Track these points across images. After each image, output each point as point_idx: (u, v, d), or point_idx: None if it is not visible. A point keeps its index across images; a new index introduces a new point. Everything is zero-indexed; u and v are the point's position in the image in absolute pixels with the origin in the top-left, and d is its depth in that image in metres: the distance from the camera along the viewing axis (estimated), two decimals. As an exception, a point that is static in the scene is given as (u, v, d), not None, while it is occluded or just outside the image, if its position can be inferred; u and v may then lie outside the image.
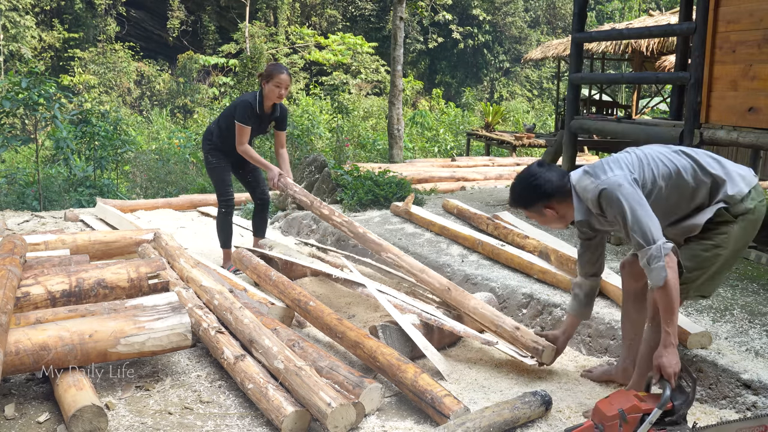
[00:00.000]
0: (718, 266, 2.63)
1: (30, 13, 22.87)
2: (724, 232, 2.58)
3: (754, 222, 2.61)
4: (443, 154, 16.15)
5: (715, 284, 2.72)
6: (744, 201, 2.57)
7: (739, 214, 2.56)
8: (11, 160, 13.14)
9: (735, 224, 2.57)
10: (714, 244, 2.59)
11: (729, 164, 2.66)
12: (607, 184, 2.50)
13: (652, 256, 2.42)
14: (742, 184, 2.58)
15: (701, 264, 2.61)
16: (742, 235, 2.61)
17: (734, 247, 2.61)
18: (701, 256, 2.61)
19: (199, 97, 23.78)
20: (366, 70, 25.58)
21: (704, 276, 2.64)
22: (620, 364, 3.06)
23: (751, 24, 4.46)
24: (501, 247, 4.43)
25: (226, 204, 4.83)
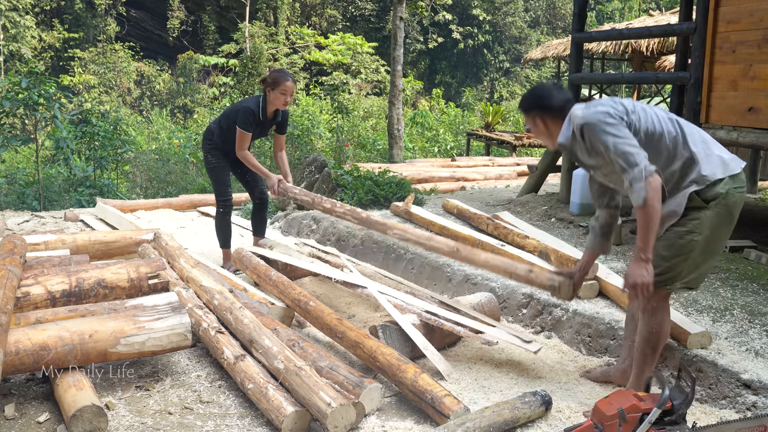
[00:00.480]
0: (696, 254, 2.64)
1: (30, 13, 22.87)
2: (697, 218, 2.61)
3: (728, 208, 2.62)
4: (443, 154, 16.15)
5: (699, 275, 2.72)
6: (716, 185, 2.59)
7: (711, 199, 2.59)
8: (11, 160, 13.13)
9: (707, 210, 2.60)
10: (687, 230, 2.63)
11: (716, 147, 2.67)
12: (592, 114, 2.60)
13: (634, 178, 2.48)
14: (719, 169, 2.60)
15: (678, 251, 2.64)
16: (717, 222, 2.63)
17: (709, 234, 2.62)
18: (676, 243, 2.65)
19: (199, 97, 23.78)
20: (366, 70, 25.58)
21: (685, 265, 2.65)
22: (619, 365, 3.06)
23: (751, 24, 4.46)
24: (501, 247, 4.43)
25: (224, 204, 4.85)
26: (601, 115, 2.58)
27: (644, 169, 2.47)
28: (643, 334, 2.74)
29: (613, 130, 2.54)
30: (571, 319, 3.61)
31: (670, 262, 2.66)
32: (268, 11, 26.87)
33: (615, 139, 2.53)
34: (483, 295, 3.84)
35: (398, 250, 4.89)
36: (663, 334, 2.73)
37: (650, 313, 2.72)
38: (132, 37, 26.00)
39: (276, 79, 4.54)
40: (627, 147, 2.51)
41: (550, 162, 6.48)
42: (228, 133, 4.68)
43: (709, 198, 2.59)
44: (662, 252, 2.66)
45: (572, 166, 5.96)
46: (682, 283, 2.70)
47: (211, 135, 4.78)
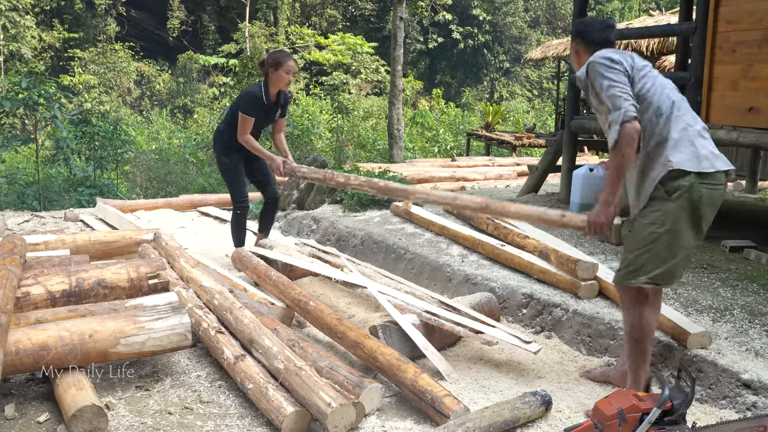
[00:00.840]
0: (660, 248, 2.64)
1: (30, 13, 22.87)
2: (659, 210, 2.64)
3: (692, 203, 2.62)
4: (443, 154, 16.16)
5: (667, 271, 2.67)
6: (681, 177, 2.60)
7: (673, 191, 2.61)
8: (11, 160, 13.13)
9: (670, 202, 2.62)
10: (649, 222, 2.66)
11: (698, 141, 2.66)
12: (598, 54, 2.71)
13: (614, 120, 2.56)
14: (689, 162, 2.61)
15: (640, 244, 2.67)
16: (680, 217, 2.62)
17: (672, 228, 2.62)
18: (639, 236, 2.70)
19: (199, 97, 23.79)
20: (366, 70, 25.58)
21: (647, 257, 2.65)
22: (619, 367, 3.06)
23: (751, 24, 4.46)
24: (501, 247, 4.43)
25: (241, 206, 4.81)
26: (605, 58, 2.66)
27: (624, 114, 2.53)
28: (626, 329, 2.79)
29: (610, 73, 2.63)
30: (571, 319, 3.61)
31: (633, 254, 2.71)
32: (268, 11, 26.87)
33: (609, 82, 2.61)
34: (483, 295, 3.84)
35: (398, 250, 4.89)
36: (645, 326, 2.73)
37: (627, 307, 2.77)
38: (132, 37, 26.00)
39: (278, 59, 4.52)
40: (617, 91, 2.58)
41: (550, 162, 6.48)
42: (236, 128, 4.63)
43: (672, 190, 2.61)
44: (628, 245, 2.74)
45: (572, 166, 5.97)
46: (647, 278, 2.67)
47: (221, 136, 4.73)
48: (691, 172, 2.60)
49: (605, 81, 2.62)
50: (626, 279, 2.72)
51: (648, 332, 2.74)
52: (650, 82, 2.70)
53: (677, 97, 2.73)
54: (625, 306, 2.79)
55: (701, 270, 4.13)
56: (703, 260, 4.32)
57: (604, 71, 2.64)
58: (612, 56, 2.68)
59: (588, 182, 5.47)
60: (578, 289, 3.75)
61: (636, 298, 2.74)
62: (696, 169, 2.60)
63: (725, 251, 4.54)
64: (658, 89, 2.71)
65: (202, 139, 12.87)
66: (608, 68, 2.65)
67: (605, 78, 2.63)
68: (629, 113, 2.53)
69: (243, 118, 4.53)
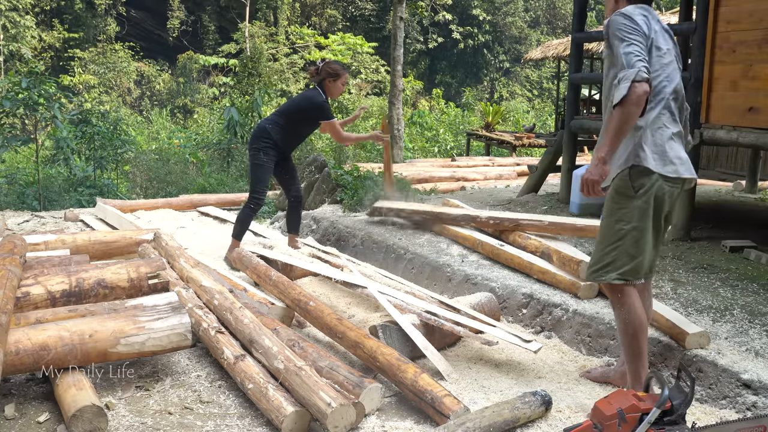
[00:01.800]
0: (628, 244, 2.68)
1: (30, 13, 22.87)
2: (625, 207, 2.68)
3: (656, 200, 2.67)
4: (443, 154, 16.16)
5: (636, 266, 2.71)
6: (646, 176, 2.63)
7: (638, 188, 2.65)
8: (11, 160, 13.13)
9: (636, 200, 2.66)
10: (616, 219, 2.70)
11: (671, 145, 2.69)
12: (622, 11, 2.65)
13: (625, 77, 2.50)
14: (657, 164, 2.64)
15: (608, 241, 2.71)
16: (645, 213, 2.67)
17: (639, 224, 2.67)
18: (606, 232, 2.72)
19: (199, 97, 23.79)
20: (366, 70, 25.59)
21: (616, 254, 2.69)
22: (618, 367, 3.06)
23: (751, 24, 4.46)
24: (500, 247, 4.43)
25: (257, 202, 5.04)
26: (629, 19, 2.61)
27: (637, 72, 2.48)
28: (619, 327, 2.79)
29: (631, 33, 2.58)
30: (571, 319, 3.61)
31: (602, 251, 2.74)
32: (268, 11, 26.87)
33: (628, 40, 2.56)
34: (483, 295, 3.84)
35: (398, 250, 4.89)
36: (636, 322, 2.72)
37: (616, 304, 2.78)
38: (132, 37, 26.01)
39: (337, 71, 4.89)
40: (635, 49, 2.54)
41: (550, 162, 6.48)
42: (293, 128, 4.93)
43: (638, 187, 2.65)
44: (597, 242, 2.77)
45: (572, 166, 5.97)
46: (617, 274, 2.70)
47: (267, 134, 4.89)
48: (655, 173, 2.65)
49: (623, 36, 2.58)
50: (597, 276, 2.76)
51: (640, 327, 2.73)
52: (664, 66, 2.67)
53: (679, 87, 2.72)
54: (614, 303, 2.80)
55: (701, 270, 4.13)
56: (703, 260, 4.32)
57: (624, 27, 2.59)
58: (637, 19, 2.63)
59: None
60: (578, 289, 3.76)
61: (625, 293, 2.74)
62: (660, 171, 2.66)
63: (725, 251, 4.54)
64: (665, 73, 2.69)
65: (202, 139, 12.87)
66: (628, 27, 2.59)
67: (625, 36, 2.58)
68: (642, 73, 2.49)
69: (332, 124, 4.91)
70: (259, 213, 6.92)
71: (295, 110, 4.92)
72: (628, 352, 2.78)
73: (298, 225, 5.26)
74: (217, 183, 9.43)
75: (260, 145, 4.90)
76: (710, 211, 6.12)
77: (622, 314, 2.75)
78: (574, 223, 4.56)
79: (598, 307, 3.61)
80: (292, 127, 4.92)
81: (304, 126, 5.01)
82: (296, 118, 4.90)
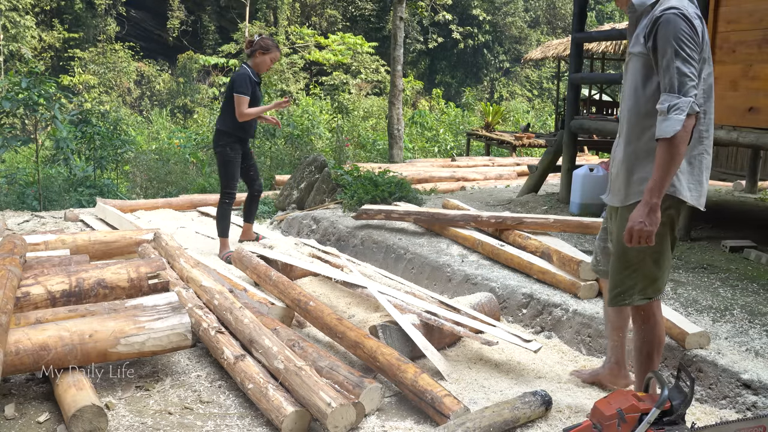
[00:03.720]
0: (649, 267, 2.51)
1: (30, 13, 22.86)
2: None
3: (672, 220, 2.49)
4: (443, 154, 16.15)
5: (660, 285, 2.56)
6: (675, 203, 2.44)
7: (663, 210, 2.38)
8: (11, 160, 13.13)
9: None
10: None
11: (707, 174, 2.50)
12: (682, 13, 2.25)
13: (678, 107, 2.21)
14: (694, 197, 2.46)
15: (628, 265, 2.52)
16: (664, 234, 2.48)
17: (658, 247, 2.48)
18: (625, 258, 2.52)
19: (199, 97, 23.78)
20: (366, 70, 25.58)
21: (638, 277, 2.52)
22: (606, 366, 3.04)
23: (751, 24, 4.46)
24: (500, 247, 4.44)
25: (230, 196, 5.26)
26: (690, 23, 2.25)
27: (692, 105, 2.21)
28: (636, 344, 2.64)
29: (690, 45, 2.24)
30: (571, 319, 3.61)
31: (622, 275, 2.56)
32: (268, 11, 26.86)
33: (686, 56, 2.23)
34: (483, 295, 3.84)
35: (398, 250, 4.89)
36: (655, 341, 2.60)
37: (640, 323, 2.61)
38: (132, 37, 25.99)
39: (268, 45, 5.11)
40: (690, 72, 2.22)
41: (550, 162, 6.48)
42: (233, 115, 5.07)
43: (663, 209, 2.39)
44: (613, 266, 2.57)
45: (572, 166, 5.97)
46: (640, 296, 2.55)
47: (223, 131, 5.14)
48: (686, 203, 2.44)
49: (682, 51, 2.22)
50: (620, 300, 2.59)
51: (658, 346, 2.60)
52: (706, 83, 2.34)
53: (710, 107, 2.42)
54: (637, 320, 2.61)
55: (701, 270, 4.13)
56: (703, 260, 4.33)
57: (685, 38, 2.23)
58: (696, 25, 2.27)
59: (588, 182, 5.48)
60: (578, 289, 3.76)
61: (649, 313, 2.57)
62: (694, 204, 2.46)
63: (725, 251, 4.54)
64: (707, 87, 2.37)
65: (202, 139, 12.87)
66: (690, 38, 2.23)
67: (683, 47, 2.22)
68: (695, 106, 2.22)
69: (239, 98, 4.98)
70: (258, 213, 6.93)
71: (228, 92, 5.13)
72: (638, 366, 2.65)
73: (254, 215, 5.62)
74: (217, 183, 9.42)
75: (224, 142, 5.15)
76: (710, 211, 6.11)
77: (645, 331, 2.59)
78: (580, 221, 4.58)
79: (598, 307, 3.61)
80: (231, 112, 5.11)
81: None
82: (231, 99, 5.07)
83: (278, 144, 12.32)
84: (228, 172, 5.21)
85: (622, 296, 2.58)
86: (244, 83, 5.00)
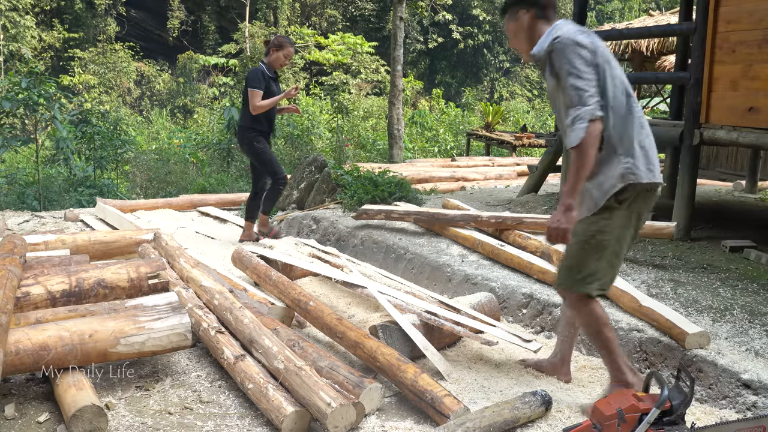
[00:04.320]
0: (610, 256, 2.63)
1: (30, 13, 22.85)
2: (608, 218, 2.61)
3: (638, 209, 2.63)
4: (443, 154, 16.15)
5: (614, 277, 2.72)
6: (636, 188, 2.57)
7: (624, 200, 2.57)
8: (11, 160, 13.12)
9: (619, 210, 2.59)
10: (599, 229, 2.61)
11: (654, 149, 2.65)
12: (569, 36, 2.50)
13: (579, 117, 2.43)
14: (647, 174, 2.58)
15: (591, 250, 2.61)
16: (627, 224, 2.63)
17: (620, 235, 2.62)
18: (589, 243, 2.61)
19: (199, 97, 23.78)
20: (366, 70, 25.57)
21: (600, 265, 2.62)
22: (550, 358, 3.16)
23: (751, 24, 4.46)
24: (500, 247, 4.43)
25: (283, 181, 5.53)
26: (575, 42, 2.49)
27: (591, 112, 2.42)
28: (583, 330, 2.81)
29: (579, 61, 2.46)
30: (570, 319, 3.61)
31: (582, 259, 2.65)
32: (268, 11, 26.86)
33: (577, 71, 2.45)
34: (483, 295, 3.84)
35: (398, 250, 4.89)
36: (597, 318, 2.69)
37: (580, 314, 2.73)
38: (132, 37, 25.99)
39: (281, 42, 5.39)
40: (584, 84, 2.44)
41: (550, 162, 6.48)
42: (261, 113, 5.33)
43: (623, 199, 2.57)
44: (576, 251, 2.67)
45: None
46: (599, 285, 2.65)
47: (245, 127, 5.41)
48: (648, 183, 2.58)
49: (573, 70, 2.46)
50: (579, 286, 2.66)
51: (603, 322, 2.70)
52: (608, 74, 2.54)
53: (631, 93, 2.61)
54: (577, 310, 2.73)
55: (701, 270, 4.13)
56: (703, 260, 4.33)
57: (573, 57, 2.47)
58: (582, 40, 2.50)
59: (588, 182, 5.46)
60: (578, 289, 3.75)
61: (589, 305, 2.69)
62: (650, 180, 2.59)
63: (725, 251, 4.54)
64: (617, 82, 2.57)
65: (202, 139, 12.88)
66: (577, 56, 2.47)
67: (573, 66, 2.46)
68: (596, 113, 2.43)
69: (252, 92, 5.23)
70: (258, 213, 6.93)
71: (244, 89, 5.40)
72: (604, 353, 2.75)
73: (256, 214, 5.70)
74: (217, 183, 9.43)
75: (251, 136, 5.40)
76: (710, 211, 6.12)
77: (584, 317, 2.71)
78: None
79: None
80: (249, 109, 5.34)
81: None
82: (247, 95, 5.32)
83: (278, 144, 12.32)
84: (266, 160, 5.44)
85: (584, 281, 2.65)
86: (257, 78, 5.25)
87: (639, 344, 3.25)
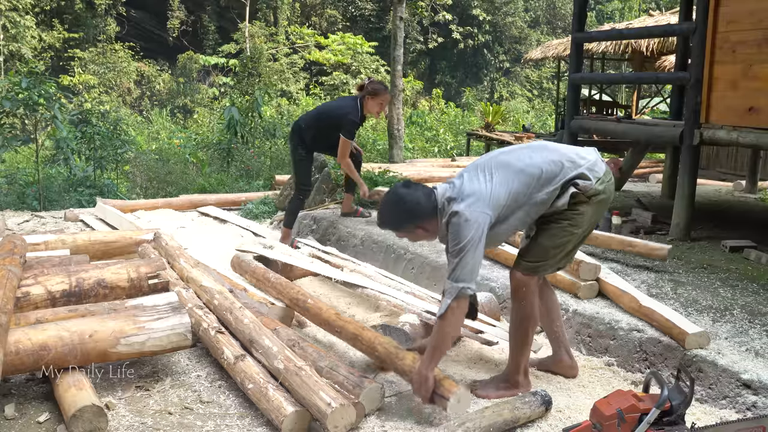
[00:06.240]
0: (572, 245, 2.83)
1: (30, 13, 22.83)
2: (580, 213, 2.74)
3: (606, 202, 2.80)
4: (443, 154, 16.15)
5: (569, 259, 2.95)
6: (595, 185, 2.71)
7: (592, 194, 2.72)
8: (11, 160, 13.11)
9: (589, 205, 2.73)
10: (570, 223, 2.75)
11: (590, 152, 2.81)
12: (462, 212, 2.59)
13: (450, 291, 2.60)
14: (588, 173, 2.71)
15: (557, 242, 2.78)
16: (594, 218, 2.81)
17: (586, 228, 2.81)
18: (558, 236, 2.77)
19: (199, 97, 23.77)
20: (366, 70, 25.55)
21: (561, 255, 2.83)
22: (553, 356, 3.18)
23: (751, 24, 4.46)
24: (501, 247, 4.43)
25: (306, 192, 5.51)
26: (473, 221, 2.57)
27: (461, 290, 2.57)
28: (516, 318, 2.86)
29: (471, 240, 2.56)
30: (571, 319, 3.61)
31: (549, 253, 2.81)
32: (268, 11, 26.87)
33: (466, 248, 2.56)
34: (483, 295, 3.84)
35: (398, 250, 4.89)
36: (534, 317, 2.86)
37: (520, 300, 2.83)
38: (132, 37, 25.97)
39: (378, 90, 5.13)
40: (470, 261, 2.58)
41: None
42: (324, 133, 5.17)
43: (592, 194, 2.72)
44: (544, 242, 2.79)
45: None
46: (553, 270, 2.93)
47: (299, 132, 5.26)
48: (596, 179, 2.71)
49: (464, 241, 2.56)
50: (536, 271, 2.83)
51: (536, 322, 2.90)
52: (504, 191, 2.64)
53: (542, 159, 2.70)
54: (518, 296, 2.84)
55: (701, 270, 4.14)
56: (703, 260, 4.33)
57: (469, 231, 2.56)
58: (478, 219, 2.57)
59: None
60: (578, 289, 3.76)
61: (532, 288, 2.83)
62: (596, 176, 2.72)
63: (725, 251, 4.54)
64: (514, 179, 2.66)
65: (202, 139, 12.87)
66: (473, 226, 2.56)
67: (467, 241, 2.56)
68: (466, 290, 2.58)
69: (345, 142, 5.09)
70: (258, 213, 6.93)
71: (328, 115, 5.23)
72: (514, 343, 2.88)
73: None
74: (217, 183, 9.42)
75: (295, 142, 5.30)
76: (710, 211, 6.13)
77: (524, 308, 2.82)
78: None
79: (598, 307, 3.61)
80: (323, 130, 5.17)
81: (332, 131, 5.17)
82: (326, 122, 5.17)
83: (278, 144, 12.32)
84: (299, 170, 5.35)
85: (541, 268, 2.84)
86: (354, 127, 5.12)
87: (639, 344, 3.25)
